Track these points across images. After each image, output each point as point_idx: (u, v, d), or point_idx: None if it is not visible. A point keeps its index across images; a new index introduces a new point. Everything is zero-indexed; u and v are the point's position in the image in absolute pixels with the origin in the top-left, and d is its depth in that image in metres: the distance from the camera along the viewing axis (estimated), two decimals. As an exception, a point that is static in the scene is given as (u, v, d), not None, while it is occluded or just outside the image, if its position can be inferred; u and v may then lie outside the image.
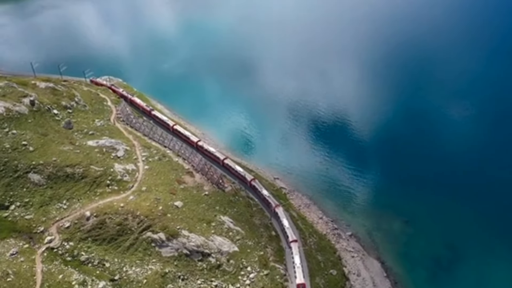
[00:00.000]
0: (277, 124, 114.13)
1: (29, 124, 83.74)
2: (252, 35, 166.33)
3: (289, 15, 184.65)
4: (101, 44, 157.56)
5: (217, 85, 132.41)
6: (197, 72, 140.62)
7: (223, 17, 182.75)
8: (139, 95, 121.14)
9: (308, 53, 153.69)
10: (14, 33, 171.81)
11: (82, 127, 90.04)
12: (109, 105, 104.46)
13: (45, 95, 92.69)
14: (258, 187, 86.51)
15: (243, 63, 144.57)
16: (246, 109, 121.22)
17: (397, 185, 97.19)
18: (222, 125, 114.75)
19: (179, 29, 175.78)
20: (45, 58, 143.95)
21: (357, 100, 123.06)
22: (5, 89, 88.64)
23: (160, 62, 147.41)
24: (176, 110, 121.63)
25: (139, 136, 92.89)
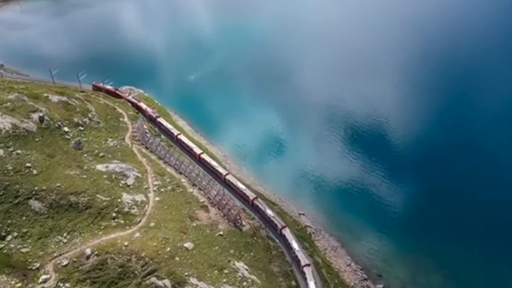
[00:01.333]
0: (308, 152, 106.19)
1: (36, 144, 79.68)
2: (290, 41, 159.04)
3: (329, 16, 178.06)
4: (126, 50, 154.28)
5: (247, 101, 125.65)
6: (227, 84, 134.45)
7: (260, 20, 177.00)
8: (161, 108, 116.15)
9: (348, 57, 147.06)
10: (37, 34, 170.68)
11: (92, 148, 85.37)
12: (126, 122, 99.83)
13: (57, 110, 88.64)
14: (261, 207, 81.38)
15: (279, 76, 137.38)
16: (277, 131, 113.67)
17: (441, 229, 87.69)
18: (248, 148, 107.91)
19: (211, 35, 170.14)
20: (66, 63, 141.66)
21: (404, 123, 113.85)
22: (15, 102, 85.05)
23: (188, 72, 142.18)
24: (199, 127, 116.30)
25: (153, 160, 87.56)
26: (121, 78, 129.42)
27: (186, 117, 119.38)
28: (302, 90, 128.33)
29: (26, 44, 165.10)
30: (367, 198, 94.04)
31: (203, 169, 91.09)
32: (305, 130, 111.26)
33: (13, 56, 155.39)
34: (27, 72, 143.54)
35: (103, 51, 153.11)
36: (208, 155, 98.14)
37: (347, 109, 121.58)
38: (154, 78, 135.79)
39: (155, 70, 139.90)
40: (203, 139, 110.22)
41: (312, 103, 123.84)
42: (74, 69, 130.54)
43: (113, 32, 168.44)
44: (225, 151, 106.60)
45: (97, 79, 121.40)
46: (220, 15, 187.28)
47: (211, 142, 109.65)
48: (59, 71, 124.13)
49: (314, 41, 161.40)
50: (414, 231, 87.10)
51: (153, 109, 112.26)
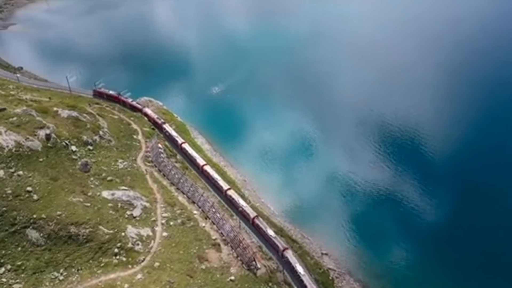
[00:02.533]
0: (336, 183, 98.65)
1: (40, 164, 75.58)
2: (325, 49, 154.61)
3: (367, 24, 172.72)
4: (148, 56, 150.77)
5: (274, 118, 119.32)
6: (253, 98, 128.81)
7: (294, 26, 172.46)
8: (179, 124, 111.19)
9: (384, 66, 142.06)
10: (60, 35, 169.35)
11: (100, 170, 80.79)
12: (139, 139, 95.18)
13: (66, 126, 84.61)
14: (262, 226, 76.95)
15: (310, 89, 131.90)
16: (303, 157, 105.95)
17: (487, 275, 79.01)
18: (270, 173, 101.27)
19: (240, 42, 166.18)
20: (85, 68, 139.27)
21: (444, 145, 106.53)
22: (22, 117, 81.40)
23: (212, 83, 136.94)
24: (218, 146, 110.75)
25: (165, 186, 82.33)
26: (140, 87, 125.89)
27: (206, 134, 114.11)
28: (335, 107, 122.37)
29: (48, 45, 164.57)
30: (402, 238, 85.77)
31: (206, 181, 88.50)
32: (335, 157, 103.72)
33: (34, 57, 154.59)
34: (46, 75, 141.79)
35: (123, 57, 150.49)
36: (227, 180, 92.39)
37: (384, 128, 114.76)
38: (175, 89, 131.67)
39: (177, 80, 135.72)
40: (222, 160, 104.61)
41: (345, 121, 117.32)
42: (92, 76, 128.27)
43: (136, 37, 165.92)
44: (245, 175, 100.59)
45: (114, 87, 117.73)
46: (252, 20, 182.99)
47: (231, 164, 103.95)
48: (76, 78, 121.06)
49: (349, 49, 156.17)
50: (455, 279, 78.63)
51: (170, 124, 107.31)
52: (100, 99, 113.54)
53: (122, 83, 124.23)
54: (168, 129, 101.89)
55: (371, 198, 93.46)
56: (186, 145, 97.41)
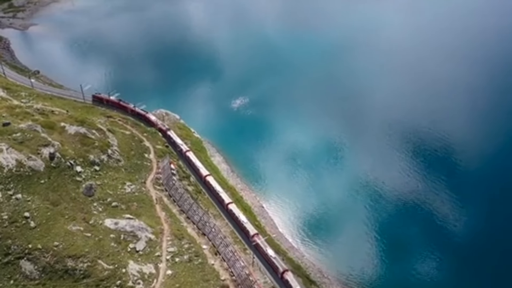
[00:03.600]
0: (366, 213, 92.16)
1: (41, 186, 71.92)
2: (361, 58, 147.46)
3: (406, 32, 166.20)
4: (167, 64, 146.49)
5: (301, 136, 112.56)
6: (278, 114, 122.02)
7: (329, 33, 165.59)
8: (196, 140, 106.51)
9: (422, 76, 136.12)
10: (81, 37, 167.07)
11: (105, 194, 76.61)
12: (151, 159, 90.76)
13: (72, 144, 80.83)
14: (262, 246, 73.22)
15: (344, 105, 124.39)
16: (332, 182, 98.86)
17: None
18: (291, 202, 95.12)
19: (268, 50, 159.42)
20: (101, 75, 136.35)
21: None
22: (26, 133, 78.00)
23: (234, 95, 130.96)
24: (237, 167, 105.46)
25: (174, 214, 77.58)
26: (158, 98, 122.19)
27: (224, 153, 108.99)
28: (369, 127, 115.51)
29: (67, 48, 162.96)
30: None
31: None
32: (364, 188, 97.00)
33: (52, 60, 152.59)
34: (62, 80, 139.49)
35: (143, 64, 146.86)
36: (242, 206, 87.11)
37: (424, 145, 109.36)
38: (195, 101, 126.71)
39: (197, 92, 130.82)
40: (239, 182, 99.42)
41: (380, 146, 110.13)
42: (108, 84, 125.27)
43: (157, 42, 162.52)
44: (263, 201, 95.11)
45: (129, 98, 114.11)
46: (282, 26, 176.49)
47: (249, 187, 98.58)
48: (90, 86, 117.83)
49: (385, 57, 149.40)
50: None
51: (185, 141, 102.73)
52: (99, 105, 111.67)
53: (139, 93, 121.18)
54: (173, 136, 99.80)
55: (406, 233, 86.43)
56: (191, 153, 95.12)
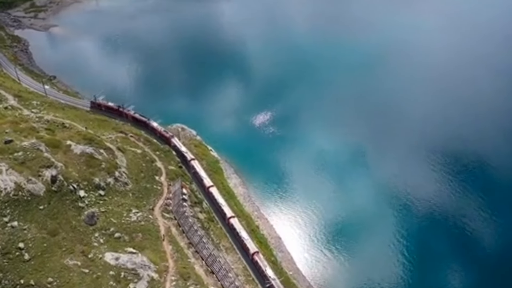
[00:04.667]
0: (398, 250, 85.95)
1: (39, 213, 68.09)
2: (398, 69, 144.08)
3: (448, 43, 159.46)
4: (188, 75, 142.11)
5: (330, 159, 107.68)
6: (305, 132, 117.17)
7: (365, 43, 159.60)
8: (212, 160, 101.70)
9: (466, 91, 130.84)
10: (101, 41, 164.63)
11: (109, 223, 72.31)
12: (162, 182, 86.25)
13: (77, 165, 76.84)
14: (261, 264, 72.17)
15: (380, 123, 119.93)
16: (359, 213, 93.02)
17: None
18: (314, 231, 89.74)
19: (299, 59, 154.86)
20: (117, 84, 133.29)
21: None
22: (28, 152, 74.33)
23: (259, 110, 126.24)
24: (255, 192, 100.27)
25: (181, 248, 72.74)
26: (174, 111, 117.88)
27: (242, 174, 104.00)
28: (406, 150, 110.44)
29: (86, 52, 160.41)
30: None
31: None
32: (396, 221, 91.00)
33: (70, 65, 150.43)
34: (79, 87, 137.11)
35: (162, 73, 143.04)
36: (257, 238, 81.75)
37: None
38: (214, 116, 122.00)
39: (217, 105, 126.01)
40: (256, 209, 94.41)
41: (416, 159, 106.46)
42: (123, 93, 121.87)
43: (177, 49, 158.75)
44: (281, 233, 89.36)
45: (144, 110, 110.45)
46: (314, 32, 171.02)
47: (266, 216, 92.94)
48: (105, 96, 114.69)
49: (423, 68, 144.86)
50: None
51: (201, 161, 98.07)
52: (98, 111, 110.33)
53: (154, 105, 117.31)
54: (177, 143, 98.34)
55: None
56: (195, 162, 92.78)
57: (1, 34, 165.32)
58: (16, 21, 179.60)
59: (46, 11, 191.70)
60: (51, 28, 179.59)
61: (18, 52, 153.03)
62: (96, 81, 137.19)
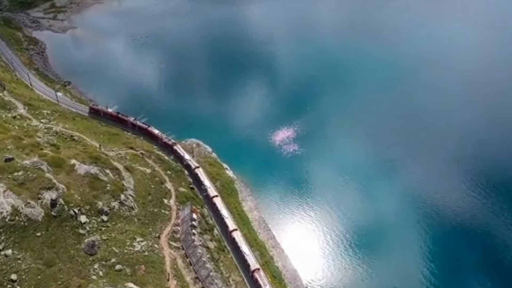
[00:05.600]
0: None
1: (36, 241, 64.69)
2: (432, 81, 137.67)
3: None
4: (205, 86, 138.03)
5: (357, 184, 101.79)
6: (331, 150, 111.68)
7: (399, 51, 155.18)
8: (227, 180, 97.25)
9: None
10: (120, 45, 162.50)
11: (110, 253, 68.54)
12: (171, 206, 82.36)
13: (79, 187, 73.43)
14: (260, 281, 69.88)
15: (413, 138, 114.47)
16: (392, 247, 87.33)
17: None
18: (336, 266, 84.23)
19: (326, 68, 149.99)
20: (134, 92, 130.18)
21: None
22: (29, 172, 71.24)
23: (279, 126, 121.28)
24: (271, 215, 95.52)
25: (186, 285, 68.35)
26: (190, 125, 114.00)
27: (258, 196, 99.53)
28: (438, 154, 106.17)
29: (105, 56, 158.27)
30: None
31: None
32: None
33: (86, 69, 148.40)
34: (94, 93, 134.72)
35: (182, 82, 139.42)
36: (271, 271, 76.98)
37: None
38: (231, 130, 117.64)
39: (236, 119, 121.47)
40: (271, 237, 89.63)
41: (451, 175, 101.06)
42: (139, 103, 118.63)
43: (196, 56, 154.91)
44: (298, 265, 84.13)
45: (157, 123, 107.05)
46: (346, 41, 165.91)
47: (281, 245, 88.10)
48: (118, 107, 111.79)
49: (458, 79, 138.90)
50: None
51: (215, 180, 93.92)
52: (97, 117, 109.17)
53: (169, 119, 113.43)
54: (180, 150, 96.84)
55: None
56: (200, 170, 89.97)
57: (19, 35, 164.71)
58: (35, 22, 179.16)
59: (65, 12, 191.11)
60: (69, 30, 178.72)
61: (34, 55, 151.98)
62: (112, 87, 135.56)
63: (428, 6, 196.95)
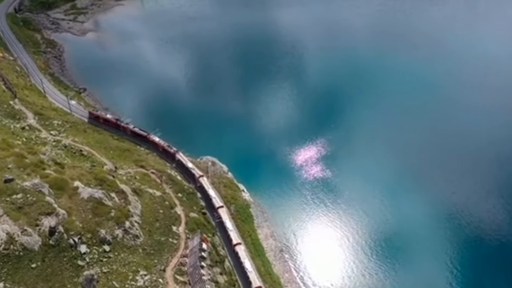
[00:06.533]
0: None
1: (30, 273, 61.31)
2: (469, 97, 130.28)
3: None
4: (222, 100, 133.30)
5: (386, 213, 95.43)
6: (358, 171, 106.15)
7: (437, 64, 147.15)
8: (242, 205, 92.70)
9: None
10: (138, 51, 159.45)
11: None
12: (179, 234, 78.21)
13: (81, 213, 69.93)
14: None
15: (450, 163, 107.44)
16: None
17: None
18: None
19: (355, 79, 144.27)
20: (149, 104, 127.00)
21: None
22: (29, 195, 68.06)
23: (302, 144, 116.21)
24: (289, 245, 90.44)
25: (191, 326, 63.50)
26: (204, 142, 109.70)
27: (275, 222, 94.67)
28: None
29: (122, 63, 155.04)
30: None
31: None
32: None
33: (103, 75, 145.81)
34: (110, 102, 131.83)
35: (200, 93, 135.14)
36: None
37: None
38: (251, 147, 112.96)
39: (256, 135, 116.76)
40: (287, 269, 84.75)
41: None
42: (152, 117, 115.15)
43: (220, 65, 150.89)
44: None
45: (172, 138, 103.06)
46: (380, 51, 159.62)
47: (298, 280, 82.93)
48: (131, 120, 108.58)
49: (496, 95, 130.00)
50: None
51: (230, 204, 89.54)
52: (97, 123, 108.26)
53: (187, 134, 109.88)
54: (182, 159, 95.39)
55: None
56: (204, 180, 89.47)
57: (37, 37, 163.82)
58: (55, 23, 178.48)
59: (86, 14, 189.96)
60: (89, 33, 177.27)
61: (50, 59, 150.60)
62: (128, 96, 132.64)
63: (474, 19, 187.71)
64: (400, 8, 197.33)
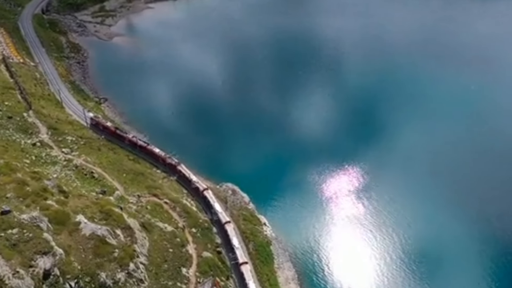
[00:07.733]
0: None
1: (18, 325, 56.43)
2: None
3: None
4: (246, 122, 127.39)
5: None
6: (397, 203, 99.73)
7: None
8: (261, 242, 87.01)
9: None
10: (164, 59, 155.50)
11: None
12: (189, 277, 73.90)
13: (81, 253, 65.49)
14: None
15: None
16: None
17: None
18: None
19: (398, 101, 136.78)
20: (172, 119, 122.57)
21: None
22: (25, 230, 64.20)
23: (336, 172, 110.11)
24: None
25: None
26: (225, 167, 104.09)
27: (300, 264, 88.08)
28: None
29: (148, 72, 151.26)
30: None
31: None
32: None
33: (127, 84, 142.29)
34: (129, 115, 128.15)
35: (231, 112, 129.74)
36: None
37: None
38: (277, 174, 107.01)
39: (282, 163, 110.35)
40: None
41: None
42: (173, 138, 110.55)
43: (247, 78, 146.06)
44: None
45: (192, 162, 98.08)
46: (425, 67, 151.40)
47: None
48: (150, 136, 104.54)
49: None
50: None
51: (248, 241, 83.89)
52: (97, 131, 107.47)
53: (208, 157, 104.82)
54: (184, 170, 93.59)
55: None
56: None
57: (61, 41, 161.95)
58: (81, 26, 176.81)
59: (114, 17, 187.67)
60: (115, 37, 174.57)
61: (73, 64, 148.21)
62: (152, 112, 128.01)
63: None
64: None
